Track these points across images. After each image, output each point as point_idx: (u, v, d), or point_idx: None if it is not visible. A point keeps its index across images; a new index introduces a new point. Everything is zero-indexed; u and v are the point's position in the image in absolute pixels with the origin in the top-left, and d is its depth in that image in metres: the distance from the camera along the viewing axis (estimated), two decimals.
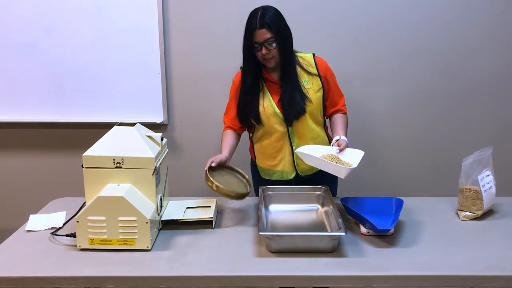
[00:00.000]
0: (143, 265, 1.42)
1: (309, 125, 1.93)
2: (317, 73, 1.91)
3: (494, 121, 2.60)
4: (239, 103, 1.96)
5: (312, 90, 1.89)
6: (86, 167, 1.52)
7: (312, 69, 1.91)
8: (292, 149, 1.95)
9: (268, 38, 1.77)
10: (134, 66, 2.50)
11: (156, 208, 1.58)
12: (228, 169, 1.86)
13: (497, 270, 1.38)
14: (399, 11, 2.44)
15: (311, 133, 1.94)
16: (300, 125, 1.91)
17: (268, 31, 1.76)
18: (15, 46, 2.47)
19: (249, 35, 1.79)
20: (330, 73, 1.95)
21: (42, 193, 2.65)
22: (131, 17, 2.43)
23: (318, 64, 1.92)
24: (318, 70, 1.92)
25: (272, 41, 1.78)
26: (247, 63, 1.88)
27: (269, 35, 1.77)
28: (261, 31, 1.76)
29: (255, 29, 1.77)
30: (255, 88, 1.91)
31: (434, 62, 2.52)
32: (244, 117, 1.96)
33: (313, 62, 1.93)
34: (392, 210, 1.72)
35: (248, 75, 1.89)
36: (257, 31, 1.77)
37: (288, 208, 1.82)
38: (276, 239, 1.48)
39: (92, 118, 2.56)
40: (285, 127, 1.92)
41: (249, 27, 1.79)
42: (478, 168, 1.77)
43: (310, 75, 1.90)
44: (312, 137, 1.95)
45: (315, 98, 1.90)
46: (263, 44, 1.78)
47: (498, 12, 2.44)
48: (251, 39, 1.79)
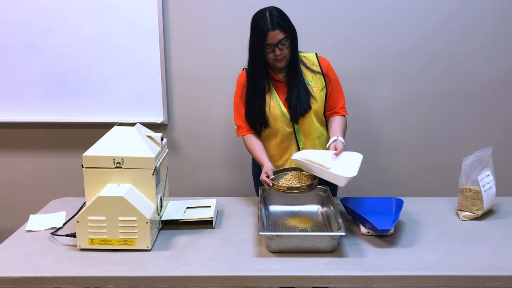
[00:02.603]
0: (143, 265, 1.42)
1: (314, 124, 1.93)
2: (321, 71, 1.91)
3: (494, 121, 2.60)
4: (247, 107, 1.93)
5: (316, 88, 1.89)
6: (86, 167, 1.52)
7: (315, 67, 1.91)
8: (299, 148, 1.95)
9: (281, 38, 1.76)
10: (134, 66, 2.50)
11: (156, 208, 1.58)
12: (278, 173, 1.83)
13: (497, 270, 1.38)
14: (399, 11, 2.44)
15: (316, 132, 1.94)
16: (305, 123, 1.91)
17: (281, 32, 1.75)
18: (15, 46, 2.47)
19: (261, 37, 1.76)
20: (332, 73, 1.95)
21: (42, 193, 2.65)
22: (131, 17, 2.43)
23: (322, 63, 1.93)
24: (322, 68, 1.92)
25: (285, 41, 1.77)
26: (257, 66, 1.84)
27: (282, 35, 1.76)
28: (275, 32, 1.75)
29: (268, 31, 1.74)
30: (264, 90, 1.89)
31: (434, 62, 2.51)
32: (253, 121, 1.93)
33: (316, 61, 1.93)
34: (392, 210, 1.72)
35: (258, 78, 1.87)
36: (270, 33, 1.75)
37: (288, 208, 1.82)
38: (276, 239, 1.48)
39: (92, 118, 2.55)
40: (291, 126, 1.92)
41: (260, 29, 1.76)
42: (478, 168, 1.77)
43: (314, 74, 1.91)
44: (318, 136, 1.95)
45: (320, 97, 1.90)
46: (276, 45, 1.77)
47: (499, 12, 2.44)
48: (264, 41, 1.76)
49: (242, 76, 1.96)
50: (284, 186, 1.67)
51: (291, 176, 1.78)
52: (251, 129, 1.95)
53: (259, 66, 1.84)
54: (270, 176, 1.74)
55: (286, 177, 1.78)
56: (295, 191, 1.67)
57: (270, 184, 1.70)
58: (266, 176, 1.74)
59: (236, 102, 1.97)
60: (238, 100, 1.97)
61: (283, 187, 1.67)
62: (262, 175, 1.75)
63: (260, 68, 1.85)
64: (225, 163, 2.68)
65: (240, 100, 1.96)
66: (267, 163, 1.81)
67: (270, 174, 1.74)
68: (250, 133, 1.96)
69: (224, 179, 2.71)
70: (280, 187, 1.68)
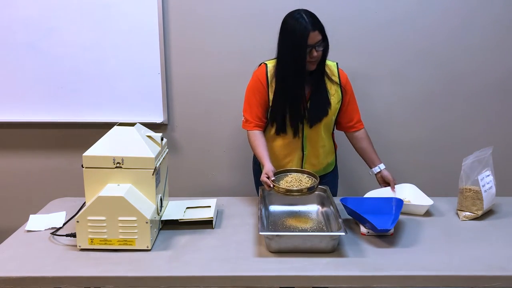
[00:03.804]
0: (143, 265, 1.42)
1: (321, 134, 1.94)
2: (339, 83, 1.91)
3: (494, 121, 2.60)
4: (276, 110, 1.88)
5: (333, 98, 1.90)
6: (86, 167, 1.52)
7: (335, 78, 1.91)
8: (303, 154, 1.95)
9: (319, 40, 1.75)
10: (134, 66, 2.50)
11: (156, 208, 1.58)
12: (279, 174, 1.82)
13: (497, 270, 1.38)
14: (399, 11, 2.44)
15: (322, 141, 1.96)
16: (314, 132, 1.92)
17: (319, 33, 1.75)
18: (15, 46, 2.47)
19: (302, 37, 1.73)
20: (350, 86, 1.95)
21: (42, 193, 2.65)
22: (131, 17, 2.43)
23: (341, 75, 1.93)
24: (340, 80, 1.91)
25: (321, 43, 1.76)
26: (299, 68, 1.79)
27: (320, 37, 1.75)
28: (315, 33, 1.73)
29: (309, 31, 1.72)
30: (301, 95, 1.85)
31: (434, 62, 2.51)
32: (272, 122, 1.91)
33: (336, 71, 1.92)
34: (392, 210, 1.72)
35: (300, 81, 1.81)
36: (312, 33, 1.73)
37: (288, 208, 1.82)
38: (276, 239, 1.48)
39: (92, 118, 2.55)
40: (301, 131, 1.91)
41: (301, 30, 1.73)
42: (478, 168, 1.77)
43: (332, 84, 1.90)
44: (322, 145, 1.97)
45: (334, 109, 1.91)
46: (314, 46, 1.75)
47: (499, 12, 2.44)
48: (306, 41, 1.73)
49: (262, 71, 1.90)
50: (284, 188, 1.66)
51: (291, 178, 1.77)
52: (258, 126, 1.93)
53: (301, 69, 1.79)
54: (271, 177, 1.73)
55: (287, 178, 1.77)
56: (295, 194, 1.66)
57: (270, 186, 1.70)
58: (267, 177, 1.73)
59: (250, 96, 1.92)
60: (252, 95, 1.91)
61: (283, 189, 1.67)
62: (263, 176, 1.74)
63: (302, 70, 1.80)
64: (225, 163, 2.68)
65: (254, 96, 1.91)
66: (267, 164, 1.79)
67: (270, 175, 1.73)
68: (257, 129, 1.93)
69: (224, 179, 2.71)
70: (281, 189, 1.67)
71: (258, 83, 1.90)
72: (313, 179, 1.75)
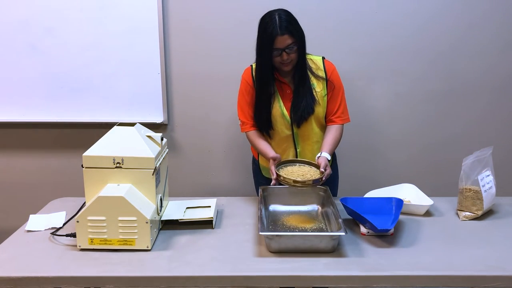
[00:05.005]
0: (143, 265, 1.42)
1: (313, 129, 1.93)
2: (325, 77, 1.90)
3: (494, 121, 2.60)
4: (256, 111, 1.92)
5: (320, 93, 1.89)
6: (86, 167, 1.52)
7: (320, 72, 1.90)
8: (296, 151, 1.95)
9: (289, 43, 1.74)
10: (134, 66, 2.50)
11: (156, 208, 1.58)
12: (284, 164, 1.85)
13: (497, 270, 1.38)
14: (399, 11, 2.44)
15: (315, 136, 1.95)
16: (305, 128, 1.91)
17: (290, 37, 1.73)
18: (15, 46, 2.47)
19: (269, 41, 1.74)
20: (336, 78, 1.92)
21: (42, 193, 2.65)
22: (131, 17, 2.43)
23: (327, 68, 1.91)
24: (326, 73, 1.90)
25: (292, 46, 1.75)
26: (264, 69, 1.83)
27: (290, 40, 1.74)
28: (283, 37, 1.72)
29: (276, 35, 1.72)
30: (271, 93, 1.88)
31: (434, 62, 2.51)
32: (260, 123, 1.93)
33: (322, 65, 1.91)
34: (392, 210, 1.72)
35: (266, 82, 1.85)
36: (279, 37, 1.72)
37: (288, 208, 1.82)
38: (276, 239, 1.48)
39: (92, 118, 2.55)
40: (290, 129, 1.92)
41: (268, 33, 1.73)
42: (478, 168, 1.76)
43: (318, 79, 1.89)
44: (317, 140, 1.95)
45: (323, 102, 1.90)
46: (284, 49, 1.75)
47: (500, 12, 2.44)
48: (272, 45, 1.74)
49: (248, 72, 1.93)
50: (291, 179, 1.67)
51: (298, 168, 1.80)
52: (254, 125, 1.95)
53: (266, 70, 1.83)
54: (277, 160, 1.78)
55: (293, 168, 1.80)
56: (298, 185, 1.67)
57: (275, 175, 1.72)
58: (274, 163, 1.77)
59: (240, 98, 1.96)
60: (242, 97, 1.95)
61: (289, 180, 1.68)
62: (270, 163, 1.78)
63: (267, 71, 1.83)
64: (225, 163, 2.68)
65: (244, 97, 1.94)
66: (272, 153, 1.83)
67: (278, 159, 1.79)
68: (254, 129, 1.95)
69: (224, 179, 2.71)
70: (287, 179, 1.68)
71: (246, 85, 1.93)
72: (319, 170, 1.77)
